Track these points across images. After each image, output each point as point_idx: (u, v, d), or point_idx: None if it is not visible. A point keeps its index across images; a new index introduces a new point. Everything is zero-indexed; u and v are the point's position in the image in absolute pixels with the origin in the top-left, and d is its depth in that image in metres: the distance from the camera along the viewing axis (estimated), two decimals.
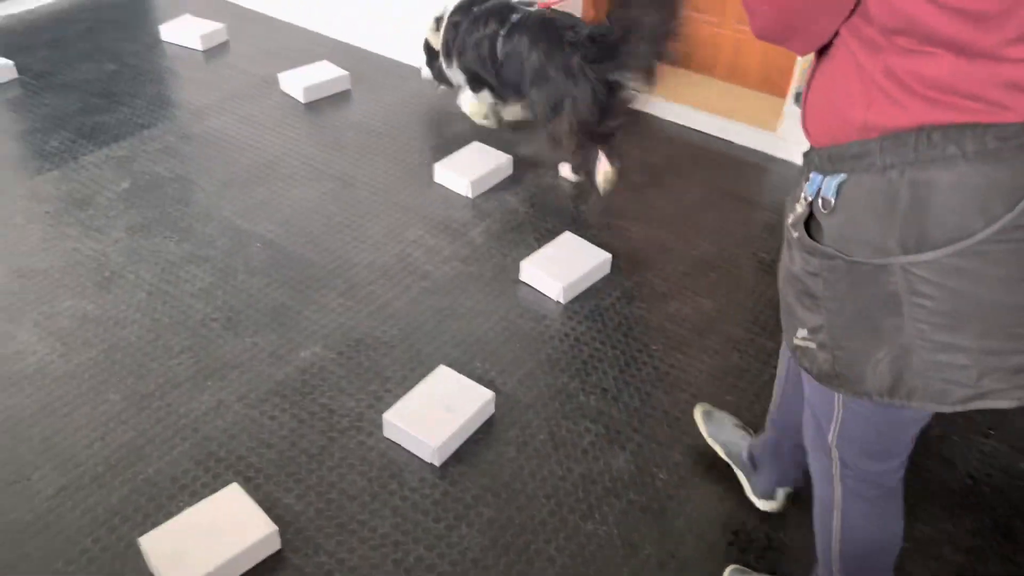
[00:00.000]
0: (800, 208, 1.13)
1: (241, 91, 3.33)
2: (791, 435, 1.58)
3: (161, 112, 3.18)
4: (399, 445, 1.95)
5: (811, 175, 1.11)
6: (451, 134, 3.10)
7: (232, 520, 1.70)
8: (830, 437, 1.30)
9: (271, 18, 3.91)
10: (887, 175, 1.00)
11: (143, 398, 2.04)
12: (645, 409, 2.05)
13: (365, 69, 3.39)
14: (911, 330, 1.04)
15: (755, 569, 1.70)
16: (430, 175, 2.86)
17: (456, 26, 2.87)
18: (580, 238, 2.53)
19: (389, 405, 1.99)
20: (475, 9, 2.83)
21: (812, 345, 1.15)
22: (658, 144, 3.09)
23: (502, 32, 2.71)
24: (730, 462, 1.89)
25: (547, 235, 2.59)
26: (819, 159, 1.10)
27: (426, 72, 3.23)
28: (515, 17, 2.70)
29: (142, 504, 1.80)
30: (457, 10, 2.90)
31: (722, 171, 2.96)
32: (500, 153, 2.91)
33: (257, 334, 2.23)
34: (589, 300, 2.38)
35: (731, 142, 3.10)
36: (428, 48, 3.12)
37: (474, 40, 2.81)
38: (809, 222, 1.12)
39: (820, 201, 1.08)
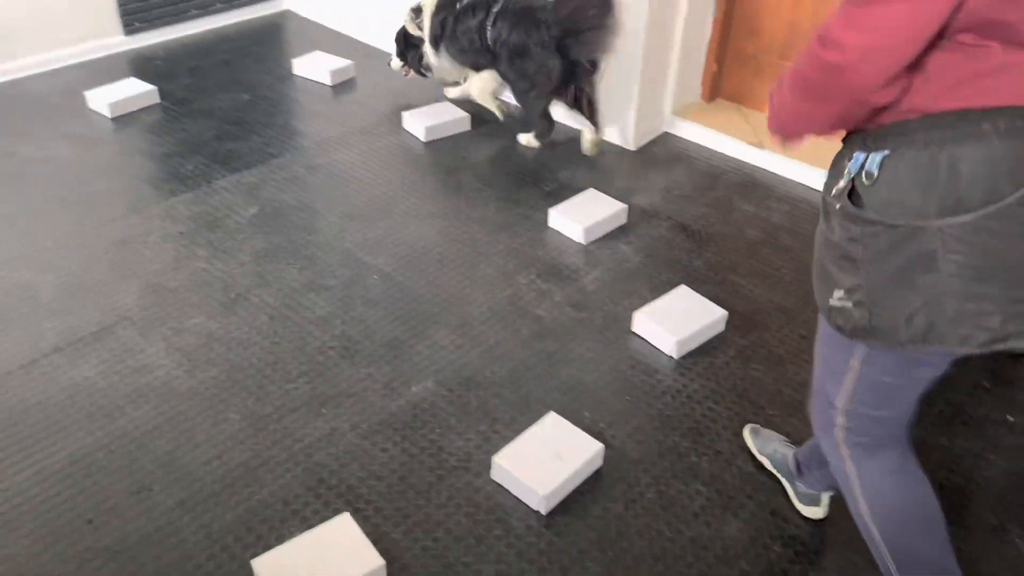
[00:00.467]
0: (843, 183, 1.24)
1: (366, 127, 3.44)
2: None
3: (289, 142, 3.32)
4: (506, 489, 1.94)
5: (855, 154, 1.22)
6: (566, 180, 3.12)
7: (342, 550, 1.72)
8: (839, 401, 1.42)
9: None
10: (928, 149, 1.13)
11: (260, 420, 2.10)
12: (760, 476, 1.98)
13: (485, 113, 3.46)
14: (945, 283, 1.16)
15: None
16: (544, 219, 2.88)
17: (444, 23, 3.16)
18: (696, 292, 2.49)
19: (497, 447, 1.99)
20: (458, 4, 3.12)
21: (848, 304, 1.26)
22: (773, 201, 3.03)
23: (488, 23, 3.04)
24: (776, 472, 1.96)
25: (660, 287, 2.56)
26: (861, 139, 1.22)
27: (396, 62, 3.55)
28: (496, 7, 3.04)
29: (255, 525, 1.84)
30: (440, 7, 3.16)
31: None
32: (615, 201, 2.91)
33: (372, 365, 2.27)
34: (703, 357, 2.33)
35: None
36: (403, 38, 3.43)
37: (464, 31, 3.11)
38: (850, 195, 1.23)
39: (864, 175, 1.20)
